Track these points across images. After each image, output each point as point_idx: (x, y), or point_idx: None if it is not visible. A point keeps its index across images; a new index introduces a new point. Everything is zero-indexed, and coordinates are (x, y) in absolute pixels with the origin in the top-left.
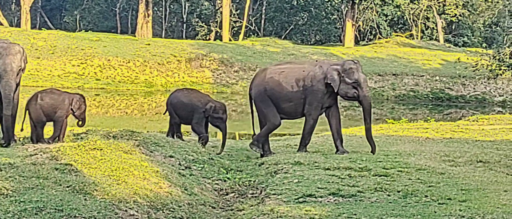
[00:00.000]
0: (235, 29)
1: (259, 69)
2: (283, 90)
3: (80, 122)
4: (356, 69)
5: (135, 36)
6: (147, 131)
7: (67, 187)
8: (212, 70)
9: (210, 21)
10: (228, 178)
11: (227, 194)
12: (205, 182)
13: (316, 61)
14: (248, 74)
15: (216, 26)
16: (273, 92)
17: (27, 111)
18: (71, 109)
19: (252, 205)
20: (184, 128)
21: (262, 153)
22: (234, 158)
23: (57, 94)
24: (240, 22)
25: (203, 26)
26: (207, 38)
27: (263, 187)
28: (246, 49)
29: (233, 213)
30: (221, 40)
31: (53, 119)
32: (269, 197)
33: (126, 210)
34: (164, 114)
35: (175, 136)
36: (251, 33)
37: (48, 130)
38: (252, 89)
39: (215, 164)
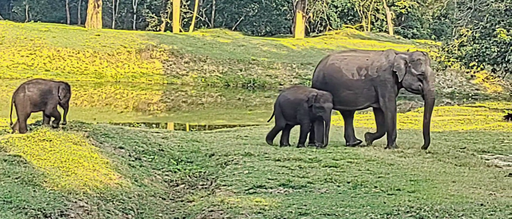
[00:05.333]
0: (186, 20)
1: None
2: (342, 77)
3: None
4: (424, 61)
5: (84, 27)
6: (97, 122)
7: (16, 178)
8: (162, 61)
9: (160, 12)
10: (178, 169)
11: (177, 185)
12: (155, 173)
13: (382, 51)
14: (198, 65)
15: (167, 17)
16: (331, 79)
17: (13, 103)
18: (58, 97)
19: (202, 196)
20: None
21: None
22: (184, 149)
23: (43, 84)
24: (191, 13)
25: (153, 17)
26: (157, 29)
27: (213, 178)
28: (197, 40)
29: (183, 204)
30: (171, 31)
31: (41, 109)
32: (220, 188)
33: (75, 202)
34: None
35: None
36: (201, 24)
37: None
38: (314, 75)
39: (165, 155)
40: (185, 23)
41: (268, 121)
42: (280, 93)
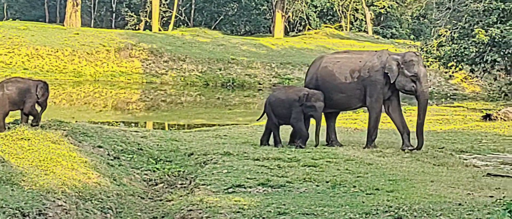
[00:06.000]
0: (165, 19)
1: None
2: (335, 80)
3: (40, 108)
4: (417, 62)
5: (63, 26)
6: (76, 121)
7: None
8: (142, 60)
9: (140, 10)
10: (157, 169)
11: (156, 185)
12: (134, 172)
13: (375, 51)
14: (177, 64)
15: (146, 16)
16: (324, 82)
17: None
18: (36, 96)
19: (181, 196)
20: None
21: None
22: (163, 148)
23: (22, 82)
24: (170, 12)
25: (132, 16)
26: (137, 28)
27: (192, 178)
28: (176, 39)
29: (162, 203)
30: (150, 30)
31: (19, 107)
32: (198, 188)
33: (54, 201)
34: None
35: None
36: (180, 23)
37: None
38: (306, 77)
39: (144, 154)
40: (164, 22)
41: (257, 120)
42: (271, 92)
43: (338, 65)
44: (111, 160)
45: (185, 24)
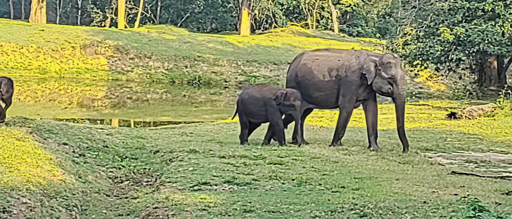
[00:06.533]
0: (131, 16)
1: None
2: (313, 78)
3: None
4: (395, 65)
5: (28, 22)
6: (41, 118)
7: None
8: (107, 57)
9: (106, 7)
10: (123, 166)
11: (121, 182)
12: (100, 169)
13: (354, 50)
14: (143, 61)
15: (112, 13)
16: (303, 79)
17: None
18: (0, 92)
19: (147, 193)
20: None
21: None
22: (129, 146)
23: None
24: (136, 9)
25: (98, 13)
26: (102, 24)
27: (158, 175)
28: (142, 37)
29: (128, 201)
30: (116, 27)
31: None
32: (164, 185)
33: (18, 198)
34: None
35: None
36: (147, 20)
37: None
38: (287, 73)
39: (109, 151)
40: (130, 19)
41: (232, 119)
42: (243, 90)
43: (317, 62)
44: (77, 157)
45: (151, 21)
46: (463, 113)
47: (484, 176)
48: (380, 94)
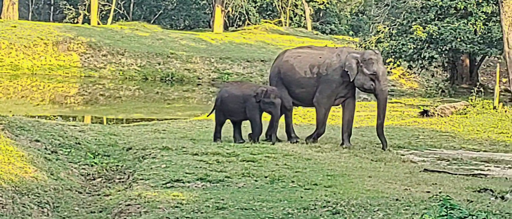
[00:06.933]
0: (104, 12)
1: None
2: (295, 74)
3: None
4: (376, 61)
5: (0, 18)
6: (13, 115)
7: None
8: (80, 53)
9: (78, 4)
10: (95, 163)
11: (94, 179)
12: (72, 167)
13: (336, 48)
14: (116, 58)
15: (84, 9)
16: (285, 76)
17: None
18: None
19: (119, 190)
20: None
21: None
22: (101, 143)
23: None
24: (109, 5)
25: (71, 9)
26: (75, 21)
27: (130, 172)
28: (115, 33)
29: (100, 198)
30: (89, 23)
31: None
32: (137, 182)
33: None
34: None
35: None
36: (119, 17)
37: None
38: (270, 71)
39: (82, 148)
40: (103, 15)
41: (207, 116)
42: (221, 88)
43: (299, 59)
44: (49, 154)
45: (124, 18)
46: (436, 111)
47: (456, 174)
48: (363, 90)
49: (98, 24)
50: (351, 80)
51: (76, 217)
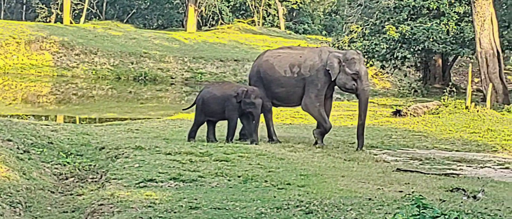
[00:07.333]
0: (76, 11)
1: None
2: (275, 73)
3: None
4: (358, 60)
5: None
6: None
7: None
8: (53, 53)
9: (51, 3)
10: (68, 163)
11: (66, 179)
12: (44, 166)
13: (317, 47)
14: (89, 57)
15: (57, 8)
16: (265, 75)
17: None
18: None
19: (92, 190)
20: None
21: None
22: (74, 142)
23: None
24: (82, 4)
25: (43, 8)
26: (48, 20)
27: (103, 172)
28: (88, 32)
29: (73, 197)
30: (62, 22)
31: None
32: (109, 182)
33: None
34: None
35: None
36: (92, 16)
37: None
38: (250, 71)
39: (54, 148)
40: (76, 14)
41: (183, 110)
42: (203, 88)
43: (279, 59)
44: (21, 153)
45: (97, 17)
46: (408, 110)
47: (428, 173)
48: (344, 90)
49: (71, 23)
50: (332, 79)
51: (49, 216)
